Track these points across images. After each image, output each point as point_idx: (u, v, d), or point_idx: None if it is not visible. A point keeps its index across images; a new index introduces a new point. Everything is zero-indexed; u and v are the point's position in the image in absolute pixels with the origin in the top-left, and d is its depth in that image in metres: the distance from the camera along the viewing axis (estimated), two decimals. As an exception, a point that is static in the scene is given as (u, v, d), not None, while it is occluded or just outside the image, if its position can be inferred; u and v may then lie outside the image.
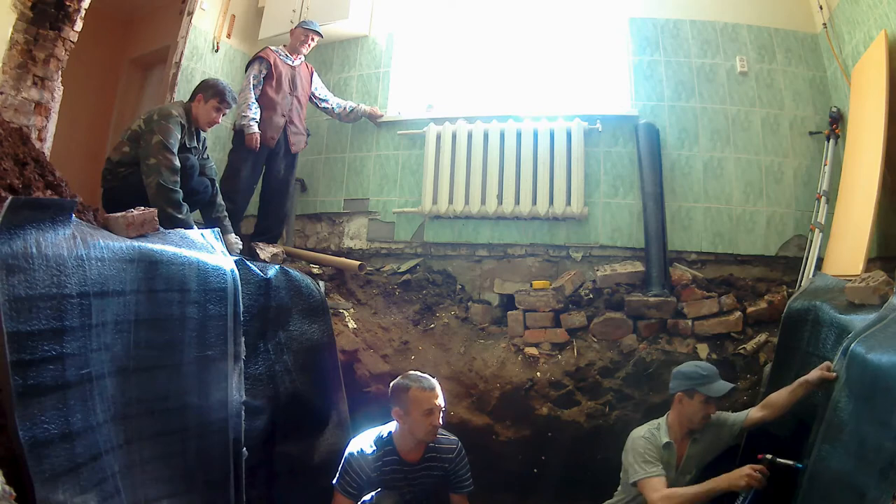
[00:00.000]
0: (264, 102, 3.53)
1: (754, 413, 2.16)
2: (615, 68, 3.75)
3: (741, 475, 1.87)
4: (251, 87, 3.48)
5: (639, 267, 3.30)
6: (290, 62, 3.66)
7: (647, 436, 2.17)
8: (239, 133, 3.48)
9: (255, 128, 3.44)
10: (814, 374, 1.93)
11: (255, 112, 3.45)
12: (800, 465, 1.89)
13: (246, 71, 3.59)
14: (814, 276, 2.79)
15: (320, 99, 3.90)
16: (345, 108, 3.96)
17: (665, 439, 2.16)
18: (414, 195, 3.90)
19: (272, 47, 3.64)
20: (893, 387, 1.55)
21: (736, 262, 3.38)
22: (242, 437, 2.07)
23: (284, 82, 3.61)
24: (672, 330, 2.98)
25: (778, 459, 1.92)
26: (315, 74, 3.89)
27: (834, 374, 1.86)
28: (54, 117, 2.37)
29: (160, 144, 2.60)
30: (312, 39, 3.70)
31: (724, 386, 2.13)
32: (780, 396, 2.08)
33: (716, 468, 2.20)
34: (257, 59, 3.55)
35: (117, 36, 4.86)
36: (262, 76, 3.53)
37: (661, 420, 2.25)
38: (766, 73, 3.49)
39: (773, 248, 3.33)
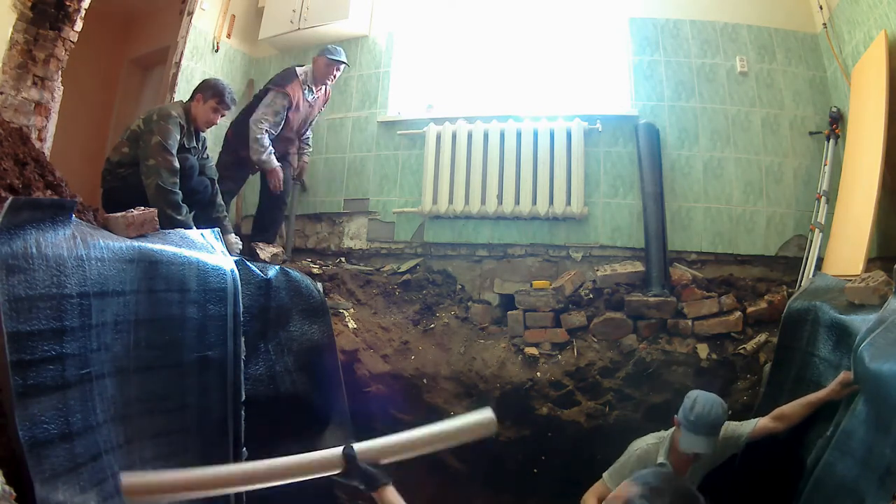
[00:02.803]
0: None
1: (764, 423, 2.11)
2: (615, 68, 3.75)
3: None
4: (268, 123, 3.28)
5: (639, 267, 3.30)
6: (309, 98, 3.51)
7: (648, 448, 2.13)
8: (233, 139, 3.43)
9: (275, 162, 3.32)
10: (835, 385, 1.92)
11: (268, 147, 3.31)
12: None
13: (266, 96, 3.37)
14: (814, 276, 2.79)
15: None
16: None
17: (661, 459, 2.10)
18: (414, 195, 3.90)
19: (300, 77, 3.41)
20: (893, 395, 1.55)
21: (736, 262, 3.38)
22: (242, 436, 2.07)
23: (294, 123, 3.50)
24: (672, 330, 2.98)
25: None
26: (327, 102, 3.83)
27: (856, 386, 1.82)
28: (54, 117, 2.37)
29: (159, 145, 2.59)
30: (338, 70, 3.55)
31: (694, 443, 2.00)
32: (796, 410, 2.03)
33: (712, 476, 2.20)
34: (282, 94, 3.33)
35: (117, 36, 4.86)
36: (281, 117, 3.34)
37: (668, 435, 2.17)
38: (766, 73, 3.49)
39: (773, 248, 3.33)
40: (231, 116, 3.42)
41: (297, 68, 3.48)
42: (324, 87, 3.63)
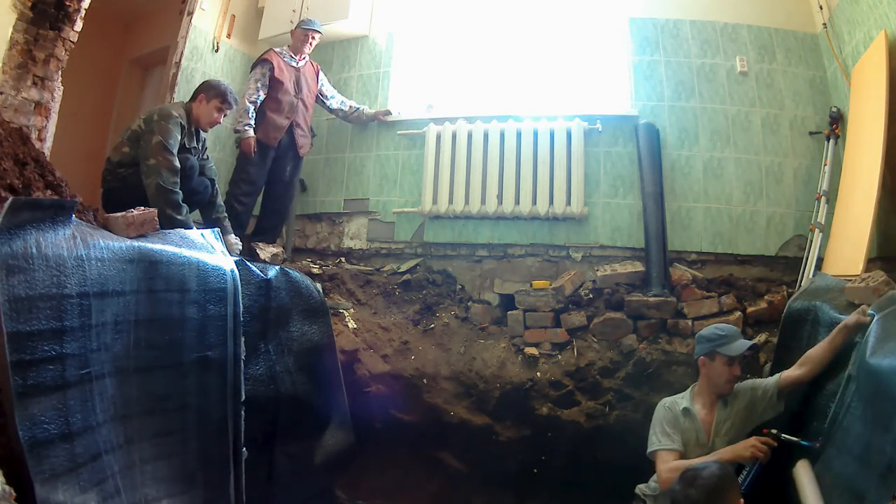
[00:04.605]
0: (267, 104, 3.53)
1: (790, 373, 2.11)
2: (615, 68, 3.75)
3: (746, 446, 1.91)
4: (252, 90, 3.47)
5: (639, 267, 3.30)
6: (294, 64, 3.65)
7: (668, 404, 2.20)
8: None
9: (251, 132, 3.43)
10: (851, 318, 1.94)
11: (251, 117, 3.45)
12: (805, 443, 1.89)
13: (250, 72, 3.58)
14: (814, 276, 2.79)
15: (326, 97, 3.90)
16: (350, 108, 3.96)
17: (684, 405, 2.16)
18: (414, 195, 3.90)
19: (276, 49, 3.63)
20: (893, 391, 1.55)
21: (736, 262, 3.38)
22: (242, 437, 2.07)
23: (288, 84, 3.60)
24: (672, 330, 2.98)
25: (783, 435, 1.93)
26: (321, 73, 3.89)
27: (868, 318, 1.84)
28: (54, 117, 2.37)
29: (160, 145, 2.60)
30: (314, 38, 3.68)
31: (743, 344, 2.14)
32: (818, 351, 2.04)
33: None
34: (260, 61, 3.55)
35: (117, 36, 4.86)
36: (266, 79, 3.51)
37: (690, 387, 2.27)
38: (766, 73, 3.49)
39: (773, 248, 3.33)
40: (231, 117, 3.44)
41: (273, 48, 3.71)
42: (306, 57, 3.72)
